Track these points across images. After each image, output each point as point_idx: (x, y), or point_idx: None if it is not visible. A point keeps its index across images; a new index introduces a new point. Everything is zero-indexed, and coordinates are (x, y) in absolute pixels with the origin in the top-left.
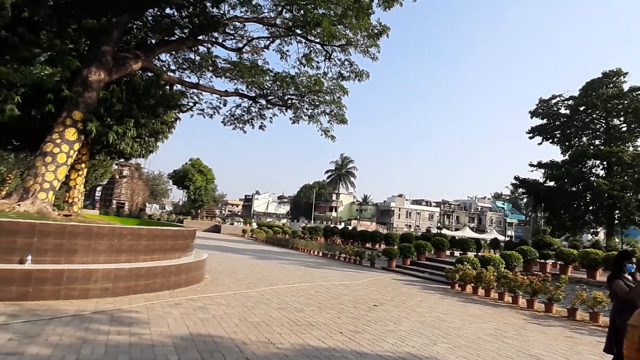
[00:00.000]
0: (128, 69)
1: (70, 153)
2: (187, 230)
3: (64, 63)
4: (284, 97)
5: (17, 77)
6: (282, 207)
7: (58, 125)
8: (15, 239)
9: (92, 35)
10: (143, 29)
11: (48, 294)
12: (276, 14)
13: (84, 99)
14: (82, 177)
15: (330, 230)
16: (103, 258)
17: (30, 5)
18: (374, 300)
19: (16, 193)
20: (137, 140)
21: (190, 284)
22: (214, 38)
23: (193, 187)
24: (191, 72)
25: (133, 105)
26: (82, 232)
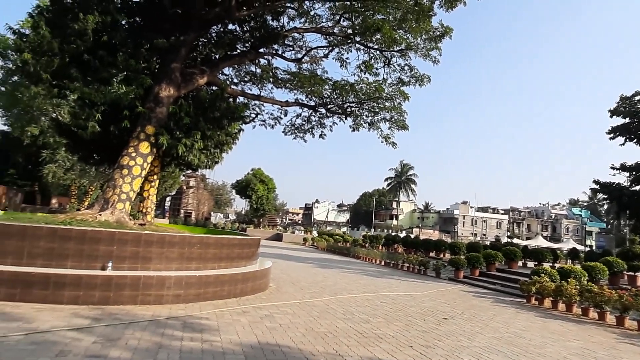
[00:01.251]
0: (195, 84)
1: (144, 165)
2: (252, 239)
3: (137, 81)
4: (343, 105)
5: (98, 96)
6: (341, 215)
7: (133, 139)
8: (97, 246)
9: (162, 54)
10: (208, 45)
11: (126, 299)
12: (334, 22)
13: (155, 114)
14: (154, 188)
15: (392, 239)
16: (175, 265)
17: (109, 30)
18: (443, 313)
19: (97, 203)
20: (204, 151)
21: (256, 292)
22: (274, 50)
23: (255, 197)
24: (253, 84)
25: (200, 118)
26: (156, 240)
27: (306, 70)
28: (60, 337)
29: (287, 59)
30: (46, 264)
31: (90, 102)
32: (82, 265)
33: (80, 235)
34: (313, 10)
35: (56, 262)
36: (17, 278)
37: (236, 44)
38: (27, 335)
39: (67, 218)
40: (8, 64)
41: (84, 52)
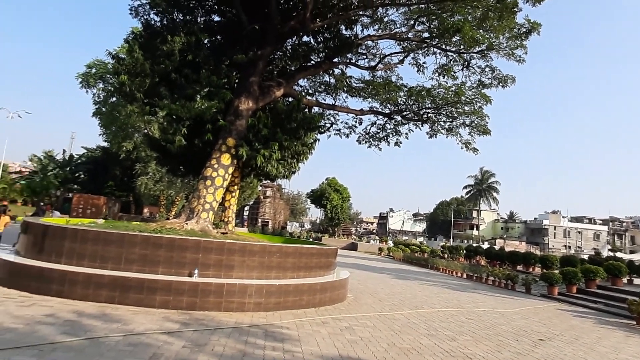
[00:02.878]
0: (272, 96)
1: (225, 176)
2: (330, 248)
3: (219, 96)
4: (419, 112)
5: (184, 112)
6: (417, 224)
7: (215, 151)
8: (185, 254)
9: (241, 69)
10: (283, 58)
11: (211, 305)
12: (408, 27)
13: (235, 127)
14: (235, 197)
15: (473, 250)
16: (255, 274)
17: (193, 49)
18: (539, 334)
19: (184, 213)
20: (281, 162)
21: (334, 302)
22: (347, 59)
23: (330, 206)
24: (327, 94)
25: (277, 130)
26: (238, 249)
27: (380, 77)
28: (153, 340)
29: (361, 67)
30: (140, 270)
31: (177, 117)
32: (172, 272)
33: (169, 243)
34: (387, 17)
35: (149, 268)
36: (116, 282)
37: (311, 55)
38: (125, 336)
39: (158, 227)
40: (108, 87)
41: (171, 71)
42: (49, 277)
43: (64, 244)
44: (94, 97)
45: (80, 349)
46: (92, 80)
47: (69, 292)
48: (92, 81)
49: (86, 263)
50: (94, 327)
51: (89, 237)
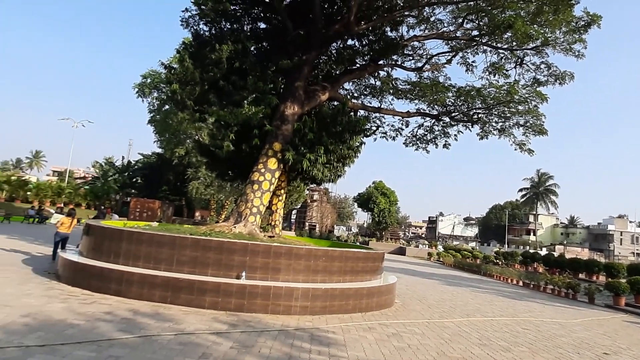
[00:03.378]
0: (317, 100)
1: (272, 180)
2: (376, 252)
3: (265, 101)
4: (469, 113)
5: (232, 118)
6: (469, 229)
7: (262, 156)
8: (233, 256)
9: (286, 74)
10: (328, 62)
11: (258, 307)
12: (457, 26)
13: (281, 131)
14: (282, 201)
15: (530, 257)
16: (301, 277)
17: (240, 57)
18: (604, 347)
19: (232, 216)
20: (327, 165)
21: (381, 307)
22: (393, 61)
23: (377, 209)
24: (373, 97)
25: (322, 134)
26: (284, 252)
27: (427, 78)
28: (203, 340)
29: (407, 68)
30: (191, 271)
31: (225, 123)
32: (220, 274)
33: (218, 245)
34: (434, 16)
35: (199, 270)
36: (168, 283)
37: (356, 59)
38: (176, 335)
39: (207, 230)
40: (161, 95)
41: (219, 78)
42: (108, 276)
43: (121, 245)
44: (149, 106)
45: (135, 346)
46: (147, 90)
47: (125, 291)
48: (147, 90)
49: (141, 264)
50: (147, 325)
51: (143, 239)
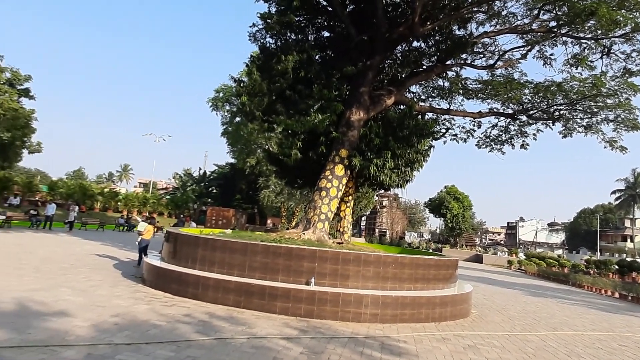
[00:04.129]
0: (383, 105)
1: (339, 187)
2: (449, 259)
3: (331, 109)
4: (549, 109)
5: (298, 126)
6: (553, 235)
7: (329, 163)
8: (302, 262)
9: (351, 80)
10: (393, 65)
11: (328, 314)
12: (531, 18)
13: (348, 138)
14: (350, 208)
15: (627, 265)
16: (370, 284)
17: (305, 66)
18: None
19: (301, 223)
20: (395, 170)
21: (455, 317)
22: (462, 60)
23: (450, 215)
24: (441, 99)
25: (389, 138)
26: (353, 258)
27: (500, 76)
28: (274, 344)
29: (478, 67)
30: (262, 277)
31: (292, 132)
32: (290, 280)
33: (287, 252)
34: (505, 10)
35: (270, 276)
36: (241, 288)
37: (422, 60)
38: (248, 339)
39: (277, 236)
40: (233, 108)
41: (286, 88)
42: (186, 281)
43: (198, 251)
44: (222, 119)
45: (210, 347)
46: (220, 103)
47: (202, 295)
48: (220, 104)
49: (216, 269)
50: (222, 328)
51: (217, 246)
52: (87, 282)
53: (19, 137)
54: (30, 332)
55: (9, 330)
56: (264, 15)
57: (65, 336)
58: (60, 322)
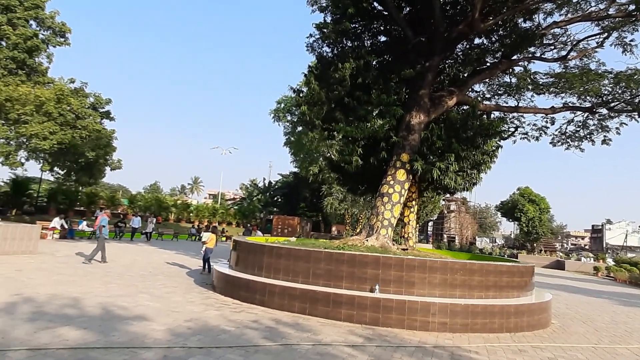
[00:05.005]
0: (444, 106)
1: (402, 192)
2: (524, 266)
3: (390, 113)
4: (633, 100)
5: (358, 132)
6: None
7: (390, 168)
8: (365, 269)
9: (409, 83)
10: (454, 65)
11: (394, 322)
12: (607, 3)
13: (408, 142)
14: (413, 213)
15: None
16: (438, 292)
17: (362, 72)
18: None
19: (364, 230)
20: (460, 173)
21: (533, 328)
22: (529, 54)
23: (525, 219)
24: (508, 96)
25: (452, 140)
26: (418, 265)
27: (574, 67)
28: (338, 352)
29: (548, 59)
30: (326, 284)
31: (352, 138)
32: (354, 287)
33: (350, 259)
34: None
35: (333, 283)
36: (306, 295)
37: (484, 58)
38: (314, 345)
39: (341, 243)
40: (294, 118)
41: (344, 96)
42: (253, 288)
43: (264, 259)
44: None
45: (277, 353)
46: (281, 114)
47: (269, 302)
48: (281, 115)
49: (281, 276)
50: (288, 334)
51: (282, 254)
52: (164, 288)
53: (102, 155)
54: (114, 334)
55: (96, 333)
56: (320, 25)
57: (145, 339)
58: (140, 326)
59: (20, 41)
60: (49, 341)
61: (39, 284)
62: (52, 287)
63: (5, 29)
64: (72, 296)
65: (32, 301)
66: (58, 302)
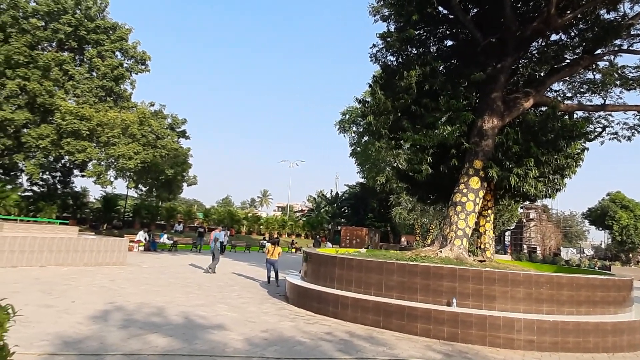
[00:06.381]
0: (520, 108)
1: (476, 201)
2: (621, 279)
3: (460, 119)
4: None
5: (427, 140)
6: None
7: (462, 176)
8: (440, 282)
9: (480, 87)
10: (529, 65)
11: (474, 338)
12: None
13: (481, 148)
14: (490, 222)
15: None
16: (522, 307)
17: (429, 78)
18: None
19: (437, 241)
20: (540, 179)
21: (635, 348)
22: (615, 47)
23: (617, 227)
24: (592, 94)
25: (530, 144)
26: (498, 278)
27: None
28: None
29: (638, 51)
30: (400, 296)
31: (420, 147)
32: (429, 300)
33: (424, 271)
34: None
35: (407, 295)
36: (379, 307)
37: (563, 54)
38: None
39: (413, 255)
40: (359, 129)
41: (410, 104)
42: (325, 299)
43: (335, 270)
44: (350, 140)
45: None
46: (347, 125)
47: (342, 314)
48: (347, 126)
49: (353, 288)
50: (363, 348)
51: (353, 265)
52: (239, 299)
53: (180, 172)
54: (197, 342)
55: (181, 340)
56: (384, 34)
57: (225, 348)
58: (220, 335)
59: (108, 71)
60: (140, 347)
61: (129, 293)
62: (141, 296)
63: (96, 61)
64: (158, 305)
65: (123, 309)
66: (146, 310)
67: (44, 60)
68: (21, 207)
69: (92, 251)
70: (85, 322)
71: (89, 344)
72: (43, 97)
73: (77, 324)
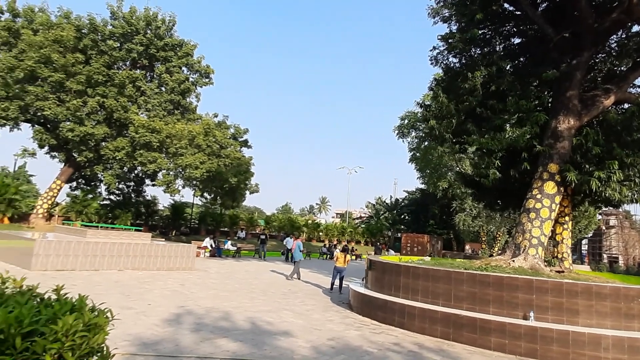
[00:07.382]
0: (599, 107)
1: (552, 207)
2: None
3: (531, 120)
4: None
5: (494, 144)
6: None
7: (536, 180)
8: (515, 294)
9: (553, 85)
10: (608, 59)
11: (555, 355)
12: None
13: (556, 150)
14: (567, 230)
15: None
16: (609, 323)
17: (495, 79)
18: None
19: (508, 249)
20: (625, 183)
21: None
22: None
23: None
24: None
25: (613, 145)
26: (580, 290)
27: None
28: None
29: None
30: (470, 308)
31: (487, 150)
32: (503, 313)
33: (497, 281)
34: None
35: (479, 307)
36: (448, 319)
37: None
38: None
39: (482, 264)
40: (419, 133)
41: (475, 106)
42: (391, 309)
43: (400, 279)
44: (409, 145)
45: None
46: (406, 130)
47: (408, 324)
48: (406, 131)
49: (419, 298)
50: None
51: (419, 274)
52: (303, 306)
53: (242, 180)
54: (265, 348)
55: (250, 346)
56: (445, 36)
57: (293, 355)
58: (287, 341)
59: (176, 85)
60: (213, 351)
61: (199, 297)
62: (210, 300)
63: (164, 77)
64: (226, 310)
65: (194, 313)
66: (215, 314)
67: (120, 78)
68: (100, 215)
69: (163, 256)
70: (161, 324)
71: (165, 345)
72: (119, 112)
73: (153, 325)
